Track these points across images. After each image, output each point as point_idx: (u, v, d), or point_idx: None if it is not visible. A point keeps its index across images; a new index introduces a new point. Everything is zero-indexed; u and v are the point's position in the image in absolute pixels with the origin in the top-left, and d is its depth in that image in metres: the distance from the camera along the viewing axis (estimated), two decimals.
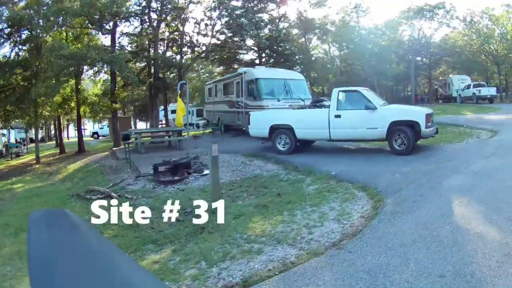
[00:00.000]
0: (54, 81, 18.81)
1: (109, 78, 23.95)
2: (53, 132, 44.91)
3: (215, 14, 25.77)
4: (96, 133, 41.38)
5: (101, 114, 27.94)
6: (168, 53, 26.63)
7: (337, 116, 9.93)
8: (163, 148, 14.57)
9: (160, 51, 24.96)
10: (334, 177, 7.61)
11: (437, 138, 10.74)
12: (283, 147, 10.74)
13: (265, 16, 28.86)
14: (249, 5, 26.89)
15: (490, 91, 29.04)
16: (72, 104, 23.49)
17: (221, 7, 25.22)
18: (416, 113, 9.55)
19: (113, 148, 17.73)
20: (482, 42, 30.57)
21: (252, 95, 14.87)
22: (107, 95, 23.14)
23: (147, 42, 24.26)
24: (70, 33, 22.13)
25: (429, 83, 40.14)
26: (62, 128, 30.14)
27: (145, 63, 25.11)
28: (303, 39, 33.62)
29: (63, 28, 21.09)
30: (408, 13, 31.94)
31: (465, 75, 40.01)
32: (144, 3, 23.16)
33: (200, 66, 36.42)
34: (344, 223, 5.17)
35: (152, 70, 24.57)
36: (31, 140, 31.96)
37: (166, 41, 25.86)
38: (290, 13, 38.25)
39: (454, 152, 9.13)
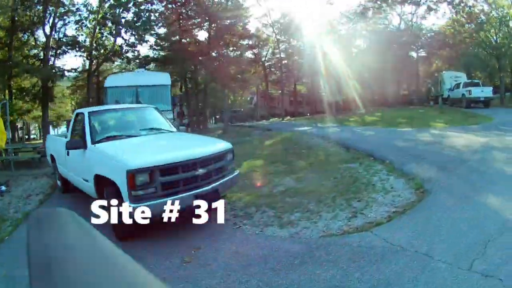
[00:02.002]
0: None
1: None
2: None
3: None
4: None
5: None
6: None
7: (68, 152, 5.92)
8: None
9: None
10: None
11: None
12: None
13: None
14: None
15: (485, 91, 22.48)
16: None
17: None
18: (116, 164, 4.42)
19: None
20: (475, 29, 23.79)
21: None
22: None
23: None
24: None
25: (416, 81, 33.57)
26: None
27: None
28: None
29: None
30: None
31: (462, 71, 33.56)
32: None
33: None
34: None
35: None
36: None
37: None
38: None
39: None
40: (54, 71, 24.05)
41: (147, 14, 23.82)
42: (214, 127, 30.91)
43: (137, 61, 26.24)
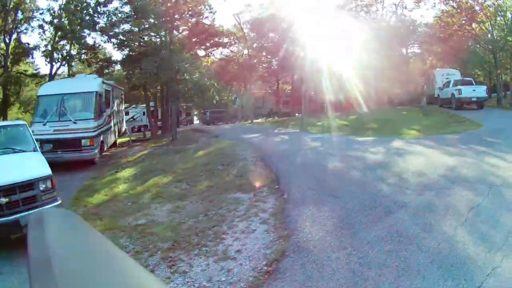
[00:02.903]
0: None
1: None
2: None
3: None
4: None
5: None
6: None
7: None
8: None
9: None
10: None
11: None
12: None
13: None
14: None
15: (477, 91, 19.00)
16: None
17: None
18: None
19: None
20: (466, 20, 20.27)
21: None
22: None
23: None
24: None
25: (405, 79, 30.04)
26: None
27: None
28: None
29: None
30: None
31: (458, 69, 30.05)
32: None
33: None
34: None
35: None
36: None
37: None
38: None
39: None
40: (13, 76, 22.23)
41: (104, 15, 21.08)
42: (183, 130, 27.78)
43: (99, 64, 23.47)
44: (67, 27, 19.59)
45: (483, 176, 5.57)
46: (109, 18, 19.94)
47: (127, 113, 28.16)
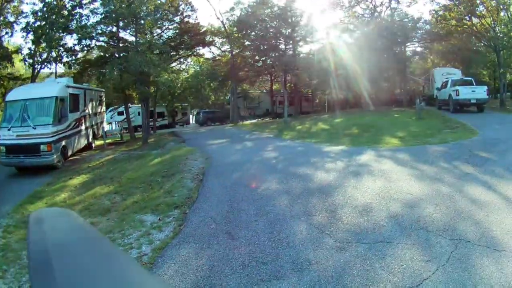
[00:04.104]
0: None
1: None
2: None
3: None
4: None
5: None
6: None
7: None
8: None
9: None
10: None
11: None
12: None
13: None
14: None
15: (477, 92, 16.83)
16: None
17: None
18: None
19: None
20: (464, 13, 17.96)
21: None
22: None
23: None
24: None
25: (403, 79, 27.90)
26: None
27: None
28: None
29: None
30: None
31: (460, 68, 27.76)
32: None
33: None
34: None
35: None
36: None
37: None
38: None
39: None
40: None
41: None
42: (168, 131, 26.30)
43: (79, 65, 22.19)
44: (39, 30, 18.56)
45: (453, 221, 3.71)
46: (80, 21, 18.70)
47: (121, 113, 27.09)
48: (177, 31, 23.86)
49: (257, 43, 21.49)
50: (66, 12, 19.37)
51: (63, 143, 11.52)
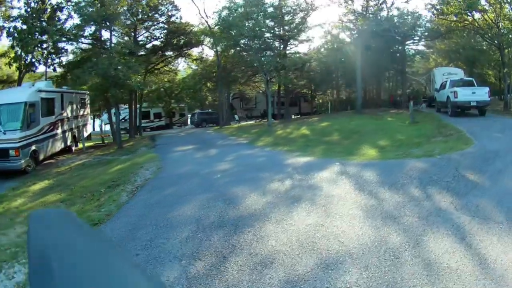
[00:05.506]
0: None
1: None
2: None
3: None
4: None
5: None
6: None
7: None
8: None
9: None
10: None
11: None
12: None
13: None
14: None
15: (477, 94, 14.87)
16: None
17: None
18: None
19: None
20: (464, 4, 15.92)
21: None
22: None
23: None
24: None
25: (402, 79, 25.95)
26: None
27: None
28: None
29: None
30: None
31: (464, 67, 25.67)
32: None
33: None
34: None
35: None
36: None
37: None
38: None
39: None
40: None
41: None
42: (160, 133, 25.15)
43: (62, 68, 21.36)
44: (17, 35, 17.86)
45: None
46: (56, 25, 17.84)
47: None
48: (165, 31, 22.75)
49: (240, 41, 19.98)
50: (45, 17, 18.64)
51: (33, 147, 11.35)
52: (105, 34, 18.22)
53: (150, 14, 21.18)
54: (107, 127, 30.94)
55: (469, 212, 3.86)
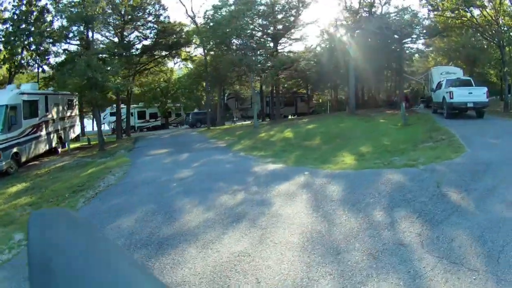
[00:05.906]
0: None
1: None
2: None
3: None
4: None
5: None
6: None
7: None
8: None
9: None
10: None
11: None
12: None
13: None
14: None
15: (475, 94, 13.84)
16: None
17: None
18: None
19: None
20: (460, 0, 14.84)
21: None
22: None
23: None
24: None
25: (399, 79, 24.92)
26: None
27: None
28: None
29: None
30: None
31: (464, 66, 24.58)
32: None
33: None
34: None
35: None
36: None
37: None
38: None
39: None
40: None
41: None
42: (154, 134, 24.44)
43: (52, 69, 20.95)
44: (3, 38, 17.73)
45: None
46: (40, 27, 17.29)
47: (113, 114, 25.98)
48: (154, 30, 22.05)
49: (227, 40, 19.15)
50: (32, 18, 18.33)
51: (15, 150, 11.35)
52: (94, 35, 17.69)
53: (136, 14, 20.57)
54: (106, 127, 30.89)
55: (438, 251, 2.97)
